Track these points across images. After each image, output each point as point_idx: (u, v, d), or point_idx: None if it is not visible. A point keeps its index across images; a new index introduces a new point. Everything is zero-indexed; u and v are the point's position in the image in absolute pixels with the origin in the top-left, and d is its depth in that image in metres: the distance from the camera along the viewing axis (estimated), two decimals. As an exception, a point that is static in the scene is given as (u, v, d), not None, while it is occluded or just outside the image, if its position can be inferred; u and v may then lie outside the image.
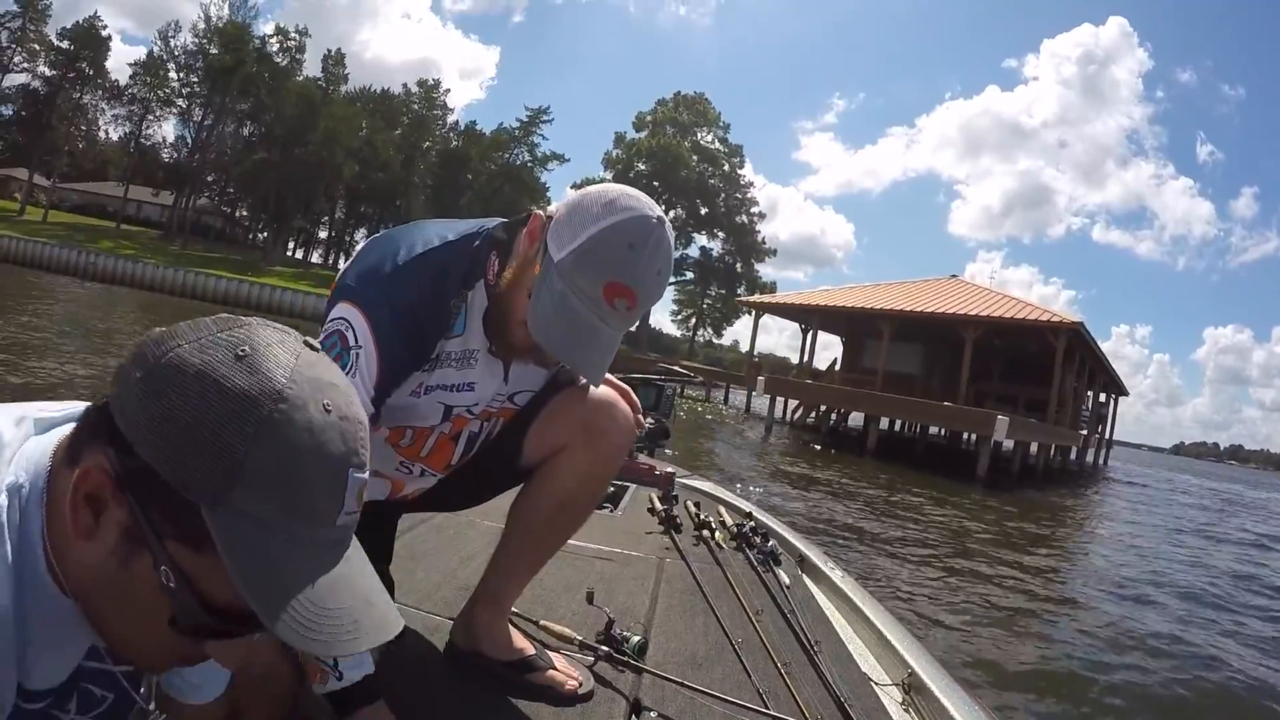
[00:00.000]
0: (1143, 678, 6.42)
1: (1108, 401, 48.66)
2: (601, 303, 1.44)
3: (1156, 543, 15.97)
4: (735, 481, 14.26)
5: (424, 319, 1.54)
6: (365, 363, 1.47)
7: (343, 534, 0.81)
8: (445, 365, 1.63)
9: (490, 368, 1.69)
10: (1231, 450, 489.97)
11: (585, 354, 1.48)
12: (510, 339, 1.58)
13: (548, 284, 1.46)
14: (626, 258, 1.43)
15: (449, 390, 1.66)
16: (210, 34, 72.20)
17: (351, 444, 0.79)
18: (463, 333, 1.62)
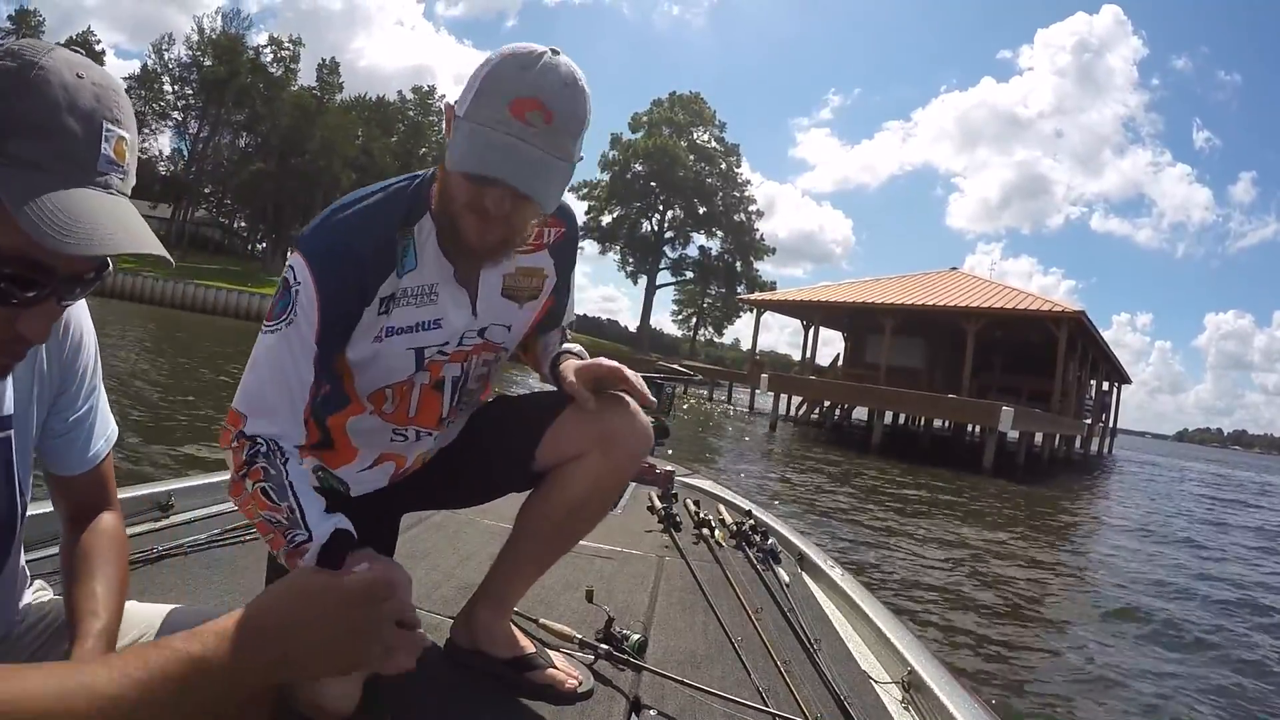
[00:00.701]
0: (1147, 674, 6.39)
1: (1111, 390, 48.59)
2: (512, 121, 1.37)
3: (1164, 533, 15.91)
4: (742, 479, 14.27)
5: (364, 254, 1.53)
6: (305, 298, 1.48)
7: (109, 181, 0.94)
8: (404, 304, 1.60)
9: (455, 299, 1.65)
10: (1235, 435, 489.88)
11: (515, 171, 1.38)
12: (465, 240, 1.51)
13: (458, 135, 1.43)
14: (521, 75, 1.38)
15: (414, 331, 1.63)
16: (204, 46, 72.36)
17: (105, 102, 0.91)
18: (415, 267, 1.59)
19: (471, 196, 1.44)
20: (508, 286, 1.73)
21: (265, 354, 1.51)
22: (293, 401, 1.51)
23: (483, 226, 1.47)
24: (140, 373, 14.96)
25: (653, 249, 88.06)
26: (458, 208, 1.47)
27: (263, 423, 1.49)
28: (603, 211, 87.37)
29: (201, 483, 3.00)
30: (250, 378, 1.52)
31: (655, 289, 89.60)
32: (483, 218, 1.46)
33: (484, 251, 1.53)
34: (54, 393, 1.24)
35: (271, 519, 1.41)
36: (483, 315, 1.70)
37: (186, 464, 8.05)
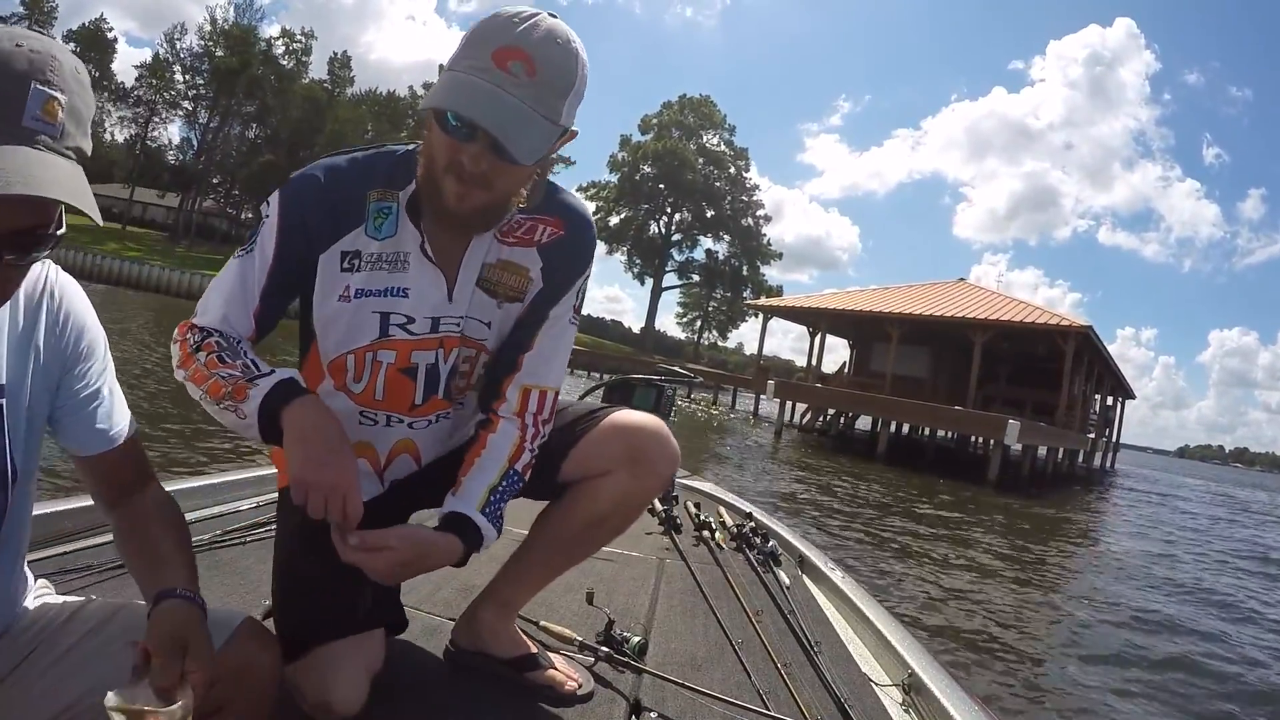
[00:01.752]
0: (1147, 680, 6.40)
1: (1115, 404, 48.56)
2: (494, 70, 1.35)
3: (1166, 546, 15.92)
4: (751, 485, 14.28)
5: (333, 198, 1.55)
6: (267, 229, 1.54)
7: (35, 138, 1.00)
8: (374, 267, 1.57)
9: (428, 275, 1.60)
10: (1236, 453, 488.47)
11: (486, 113, 1.33)
12: (446, 203, 1.45)
13: (437, 83, 1.42)
14: (509, 27, 1.37)
15: (380, 295, 1.59)
16: (216, 36, 72.51)
17: (39, 65, 0.98)
18: (394, 234, 1.58)
19: (450, 154, 1.40)
20: (484, 278, 1.65)
21: (225, 276, 1.58)
22: (243, 317, 1.56)
23: (462, 189, 1.42)
24: (139, 371, 14.95)
25: (659, 251, 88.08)
26: (438, 170, 1.43)
27: (213, 317, 1.56)
28: (610, 213, 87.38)
29: (202, 484, 3.00)
30: (210, 289, 1.60)
31: (661, 291, 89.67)
32: (462, 180, 1.41)
33: (463, 216, 1.49)
34: (58, 370, 1.25)
35: (224, 374, 1.44)
36: (458, 303, 1.63)
37: (186, 465, 8.04)
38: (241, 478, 3.10)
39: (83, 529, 2.36)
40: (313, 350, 1.68)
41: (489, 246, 1.63)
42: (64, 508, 2.35)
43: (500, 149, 1.36)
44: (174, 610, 1.15)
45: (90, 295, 1.32)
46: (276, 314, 1.60)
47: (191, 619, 1.15)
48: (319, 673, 1.59)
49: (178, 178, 75.44)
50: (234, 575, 2.28)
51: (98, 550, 2.25)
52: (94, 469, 1.34)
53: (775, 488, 15.04)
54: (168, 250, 62.62)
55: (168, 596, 1.16)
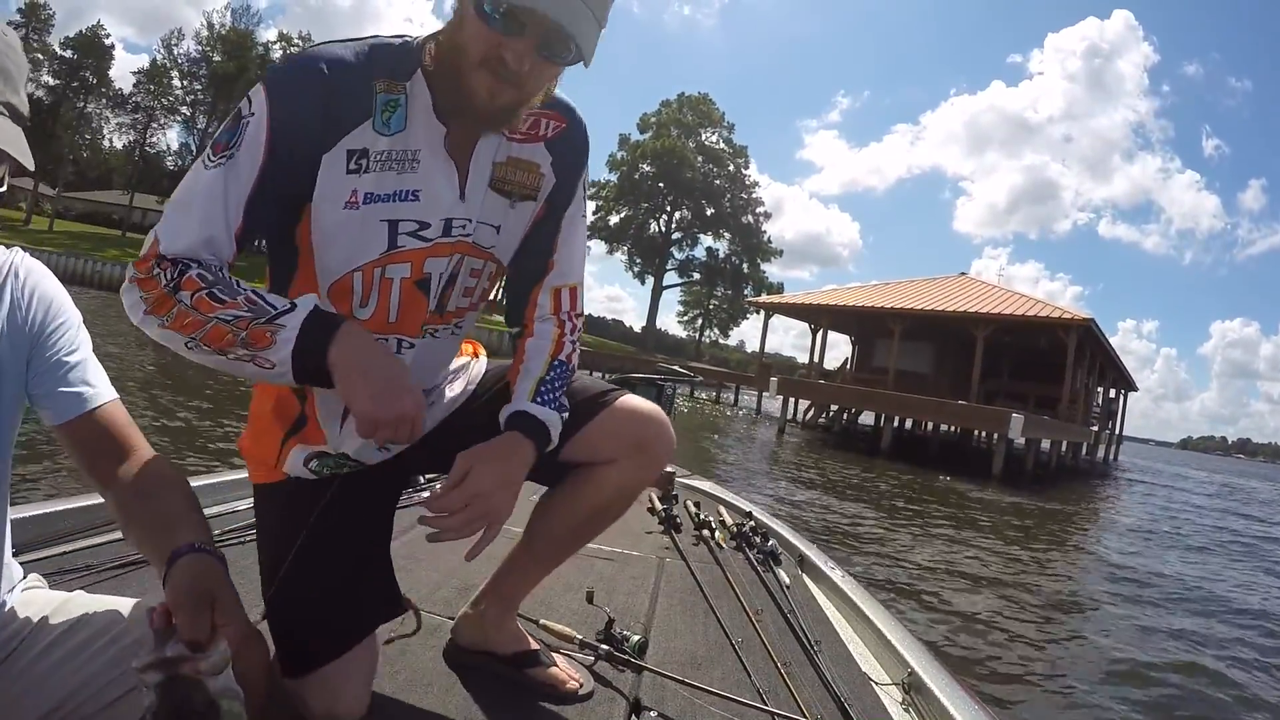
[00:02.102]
0: (1147, 679, 6.39)
1: (1117, 397, 48.55)
2: None
3: (1170, 540, 15.91)
4: (754, 483, 14.27)
5: (334, 85, 1.36)
6: (253, 130, 1.33)
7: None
8: (382, 168, 1.42)
9: (442, 173, 1.46)
10: (1239, 444, 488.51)
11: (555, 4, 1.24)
12: (474, 99, 1.36)
13: None
14: None
15: (389, 200, 1.43)
16: (213, 41, 72.57)
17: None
18: (404, 129, 1.42)
19: (490, 48, 1.30)
20: (497, 178, 1.54)
21: (195, 190, 1.34)
22: (223, 240, 1.34)
23: (495, 85, 1.33)
24: (138, 371, 14.95)
25: (660, 250, 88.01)
26: (469, 62, 1.32)
27: (176, 243, 1.32)
28: (610, 212, 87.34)
29: (201, 484, 2.98)
30: (176, 210, 1.35)
31: (662, 290, 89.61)
32: (496, 75, 1.32)
33: (492, 113, 1.39)
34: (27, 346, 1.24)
35: (226, 316, 1.25)
36: (470, 203, 1.51)
37: (185, 465, 8.04)
38: (241, 477, 3.10)
39: (82, 529, 2.36)
40: (302, 273, 1.49)
41: (496, 143, 1.52)
42: (63, 507, 2.36)
43: (549, 47, 1.31)
44: (191, 564, 1.10)
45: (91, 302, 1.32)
46: (258, 231, 1.42)
47: (213, 570, 1.11)
48: (325, 688, 1.57)
49: (177, 183, 74.98)
50: (234, 575, 2.27)
51: (97, 550, 2.26)
52: (77, 438, 1.29)
53: (780, 485, 15.01)
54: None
55: (182, 554, 1.11)
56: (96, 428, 1.29)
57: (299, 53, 1.38)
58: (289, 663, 1.58)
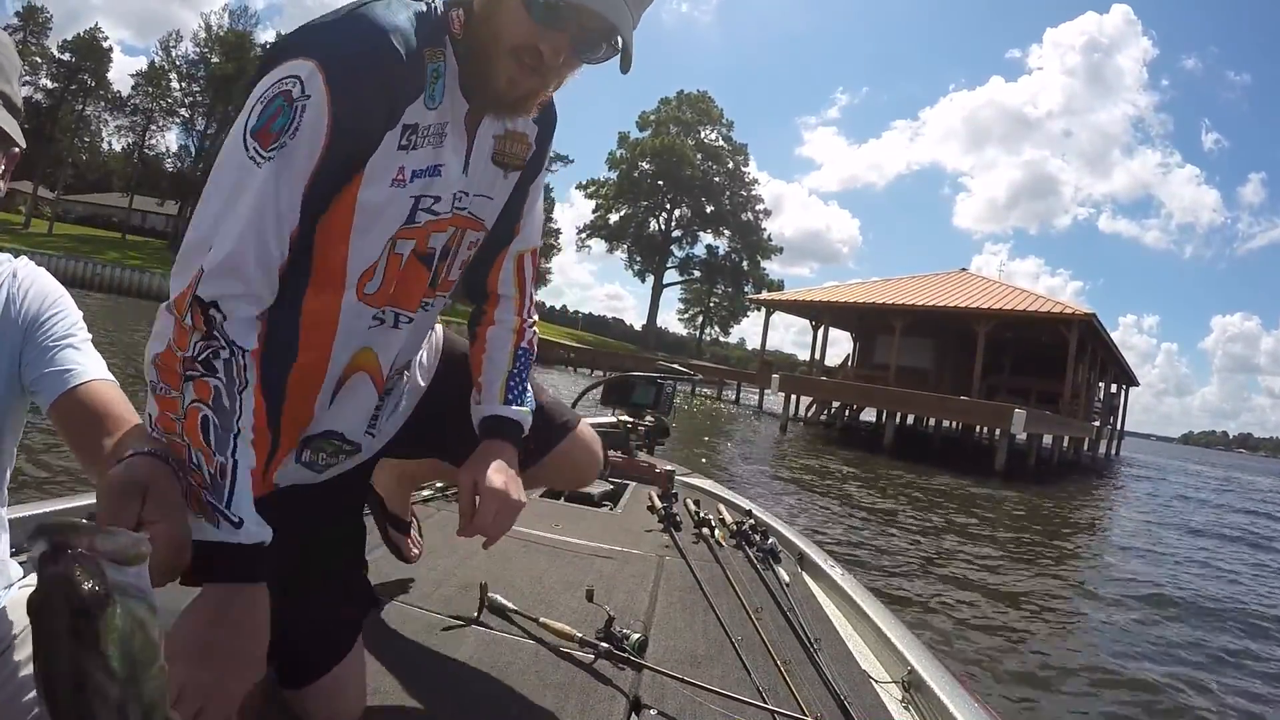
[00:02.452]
0: (1148, 678, 6.38)
1: (1119, 392, 48.54)
2: None
3: (1175, 537, 15.89)
4: (757, 480, 14.26)
5: (394, 62, 1.26)
6: (312, 117, 1.19)
7: None
8: (424, 143, 1.35)
9: (455, 145, 1.42)
10: (1240, 438, 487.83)
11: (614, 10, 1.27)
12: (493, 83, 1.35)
13: None
14: None
15: (424, 175, 1.37)
16: (211, 43, 72.54)
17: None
18: (442, 102, 1.37)
19: (527, 38, 1.28)
20: (497, 151, 1.53)
21: (247, 187, 1.19)
22: (271, 253, 1.23)
23: (520, 73, 1.32)
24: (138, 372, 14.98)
25: (660, 248, 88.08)
26: (500, 47, 1.30)
27: (228, 282, 1.19)
28: (610, 210, 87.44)
29: None
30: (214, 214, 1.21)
31: (662, 288, 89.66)
32: (523, 65, 1.31)
33: (508, 101, 1.39)
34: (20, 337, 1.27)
35: (196, 458, 1.13)
36: (472, 177, 1.49)
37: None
38: None
39: None
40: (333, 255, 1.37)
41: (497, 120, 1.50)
42: (63, 507, 2.36)
43: (587, 47, 1.32)
44: (133, 461, 1.03)
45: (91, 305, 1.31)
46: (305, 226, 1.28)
47: (154, 466, 1.02)
48: (324, 697, 1.59)
49: (176, 185, 75.27)
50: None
51: (97, 551, 2.25)
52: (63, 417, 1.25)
53: (784, 482, 15.00)
54: (168, 258, 62.38)
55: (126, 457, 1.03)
56: (82, 405, 1.27)
57: (349, 17, 1.24)
58: (290, 675, 1.58)
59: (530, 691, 1.86)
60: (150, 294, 48.82)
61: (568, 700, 1.84)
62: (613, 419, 5.20)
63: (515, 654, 2.03)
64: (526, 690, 1.86)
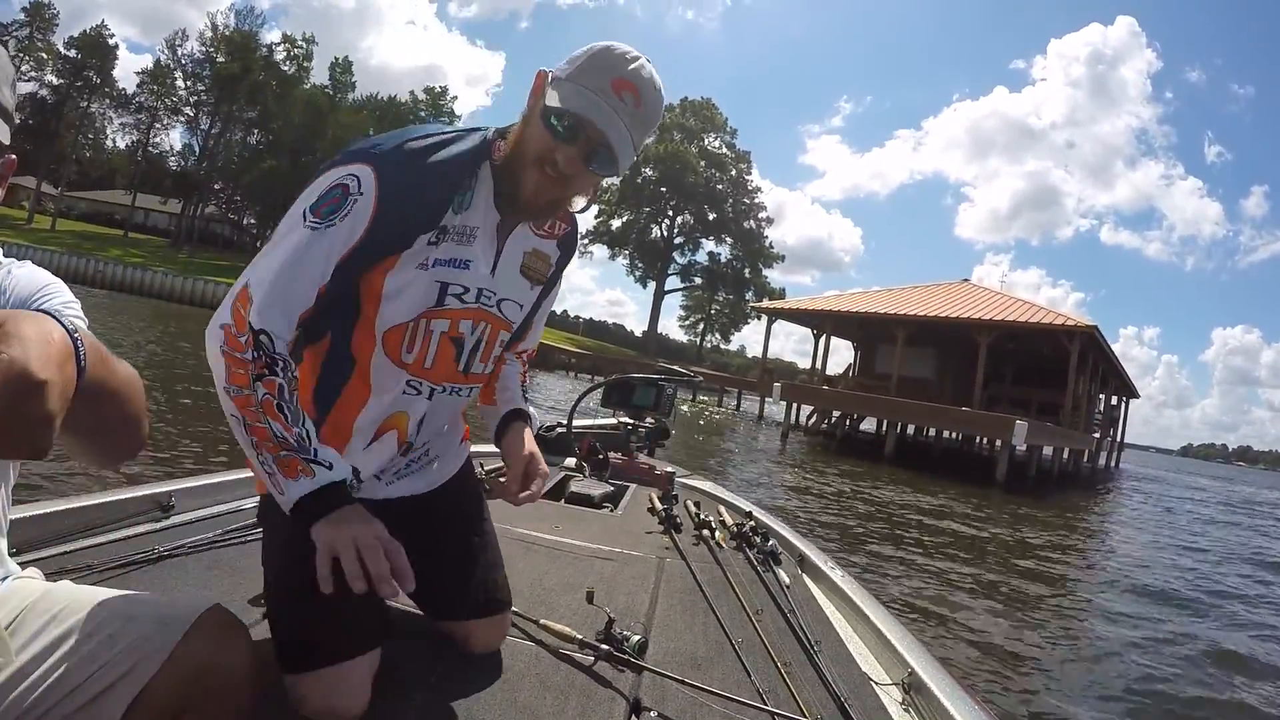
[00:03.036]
0: (1148, 677, 6.39)
1: (1119, 404, 48.56)
2: (611, 95, 1.56)
3: (1175, 546, 15.90)
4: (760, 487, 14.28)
5: (432, 191, 1.61)
6: (360, 210, 1.54)
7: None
8: (451, 240, 1.67)
9: (485, 248, 1.74)
10: (1240, 451, 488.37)
11: (609, 127, 1.56)
12: (523, 192, 1.65)
13: (561, 88, 1.57)
14: (625, 63, 1.58)
15: (449, 266, 1.68)
16: (217, 43, 72.60)
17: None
18: (469, 208, 1.69)
19: (546, 149, 1.58)
20: (525, 265, 1.85)
21: (295, 246, 1.55)
22: (307, 296, 1.56)
23: (543, 181, 1.61)
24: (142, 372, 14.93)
25: (662, 254, 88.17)
26: (528, 160, 1.61)
27: (273, 314, 1.52)
28: (612, 216, 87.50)
29: (203, 483, 2.98)
30: (274, 265, 1.55)
31: (664, 294, 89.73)
32: (544, 174, 1.60)
33: (534, 207, 1.69)
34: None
35: (277, 431, 1.48)
36: (499, 280, 1.79)
37: (187, 464, 8.04)
38: (241, 477, 3.09)
39: (82, 529, 2.35)
40: (365, 318, 1.70)
41: (527, 237, 1.83)
42: (64, 507, 2.35)
43: (594, 158, 1.60)
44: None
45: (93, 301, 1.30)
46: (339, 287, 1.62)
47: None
48: (326, 685, 1.60)
49: (180, 184, 75.42)
50: (234, 575, 2.28)
51: (98, 550, 2.25)
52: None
53: (787, 489, 15.04)
54: (170, 256, 62.62)
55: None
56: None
57: (411, 147, 1.60)
58: (290, 658, 1.62)
59: (530, 693, 1.85)
60: (151, 292, 48.93)
61: (568, 702, 1.83)
62: (613, 420, 5.20)
63: (515, 656, 2.02)
64: (526, 692, 1.85)
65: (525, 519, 3.34)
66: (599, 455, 4.56)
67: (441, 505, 2.03)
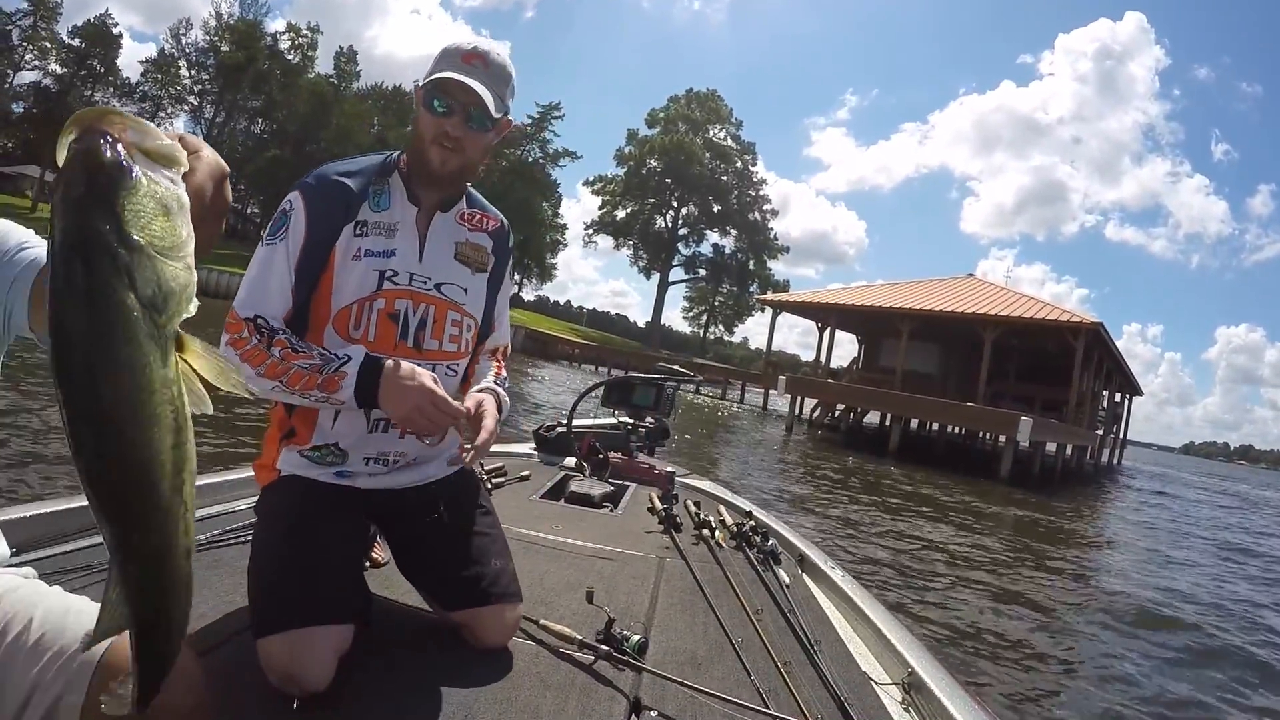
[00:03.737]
0: (1149, 678, 6.39)
1: (1123, 401, 48.50)
2: (462, 64, 1.95)
3: (1177, 543, 15.89)
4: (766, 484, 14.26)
5: (346, 186, 1.99)
6: (295, 219, 1.94)
7: None
8: (375, 233, 2.01)
9: (409, 240, 2.06)
10: (1242, 450, 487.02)
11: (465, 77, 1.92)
12: (431, 168, 2.02)
13: (426, 79, 1.98)
14: (465, 44, 2.00)
15: (378, 256, 2.00)
16: (221, 31, 72.48)
17: None
18: (388, 208, 2.04)
19: (436, 128, 1.97)
20: (460, 253, 2.14)
21: (260, 262, 1.94)
22: (279, 296, 1.93)
23: (443, 154, 1.99)
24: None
25: (666, 245, 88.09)
26: (426, 143, 2.00)
27: (257, 308, 1.90)
28: (617, 206, 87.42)
29: (201, 483, 2.97)
30: (246, 280, 1.96)
31: (668, 286, 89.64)
32: (441, 148, 1.98)
33: (444, 176, 2.04)
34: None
35: (304, 365, 1.82)
36: (429, 264, 2.08)
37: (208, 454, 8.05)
38: (241, 477, 3.10)
39: (83, 529, 2.36)
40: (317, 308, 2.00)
41: (454, 229, 2.15)
42: (63, 507, 2.36)
43: (471, 117, 1.97)
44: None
45: None
46: (303, 289, 1.96)
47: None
48: (291, 648, 1.68)
49: (183, 174, 75.40)
50: (234, 575, 2.28)
51: (98, 550, 2.25)
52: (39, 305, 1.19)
53: (793, 485, 15.01)
54: (174, 245, 62.44)
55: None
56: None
57: (322, 170, 2.03)
58: (261, 621, 1.76)
59: (530, 693, 1.85)
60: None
61: (568, 702, 1.84)
62: (614, 420, 5.20)
63: (515, 655, 2.03)
64: (527, 691, 1.86)
65: (525, 519, 3.35)
66: (599, 455, 4.56)
67: (444, 499, 2.15)
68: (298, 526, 1.91)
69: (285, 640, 1.68)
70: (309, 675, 1.67)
